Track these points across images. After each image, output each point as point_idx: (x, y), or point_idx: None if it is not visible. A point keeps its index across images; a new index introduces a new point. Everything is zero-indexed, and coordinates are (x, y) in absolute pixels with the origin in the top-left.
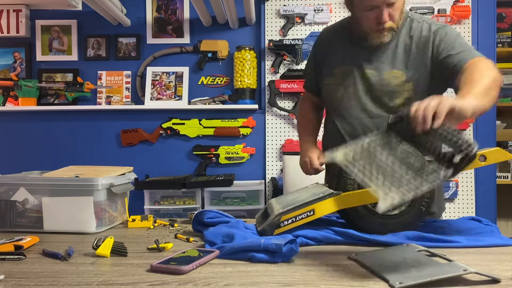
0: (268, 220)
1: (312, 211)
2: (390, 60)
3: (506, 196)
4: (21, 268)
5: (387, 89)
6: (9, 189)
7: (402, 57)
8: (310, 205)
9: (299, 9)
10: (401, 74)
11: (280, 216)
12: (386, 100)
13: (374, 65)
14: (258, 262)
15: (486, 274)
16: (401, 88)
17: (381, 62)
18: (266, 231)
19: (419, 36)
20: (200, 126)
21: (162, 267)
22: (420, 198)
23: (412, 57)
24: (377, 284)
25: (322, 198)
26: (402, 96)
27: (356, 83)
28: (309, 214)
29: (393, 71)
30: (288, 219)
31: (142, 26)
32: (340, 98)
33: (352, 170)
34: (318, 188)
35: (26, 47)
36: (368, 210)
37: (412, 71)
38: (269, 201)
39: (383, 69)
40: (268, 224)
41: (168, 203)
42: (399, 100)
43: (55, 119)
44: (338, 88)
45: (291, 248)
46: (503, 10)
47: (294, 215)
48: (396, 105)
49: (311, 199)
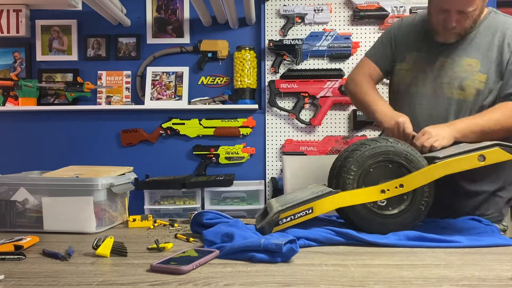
0: (267, 218)
1: (311, 209)
2: (466, 50)
3: None
4: (21, 268)
5: (460, 76)
6: (9, 189)
7: (479, 48)
8: (309, 203)
9: (299, 9)
10: (476, 63)
11: (279, 214)
12: (455, 88)
13: (448, 54)
14: (258, 262)
15: None
16: (474, 76)
17: (455, 52)
18: (264, 228)
19: (503, 35)
20: (200, 126)
21: (162, 267)
22: (419, 197)
23: (490, 52)
24: (377, 284)
25: (321, 196)
26: (472, 86)
27: (426, 70)
28: (308, 212)
29: (467, 59)
30: (286, 217)
31: (142, 26)
32: (408, 83)
33: None
34: (317, 188)
35: (26, 47)
36: (368, 210)
37: (486, 65)
38: (269, 200)
39: (457, 57)
40: (267, 222)
41: (168, 203)
42: (469, 91)
43: (55, 119)
44: (408, 74)
45: (291, 248)
46: (503, 10)
47: (293, 213)
48: (464, 96)
49: (310, 197)
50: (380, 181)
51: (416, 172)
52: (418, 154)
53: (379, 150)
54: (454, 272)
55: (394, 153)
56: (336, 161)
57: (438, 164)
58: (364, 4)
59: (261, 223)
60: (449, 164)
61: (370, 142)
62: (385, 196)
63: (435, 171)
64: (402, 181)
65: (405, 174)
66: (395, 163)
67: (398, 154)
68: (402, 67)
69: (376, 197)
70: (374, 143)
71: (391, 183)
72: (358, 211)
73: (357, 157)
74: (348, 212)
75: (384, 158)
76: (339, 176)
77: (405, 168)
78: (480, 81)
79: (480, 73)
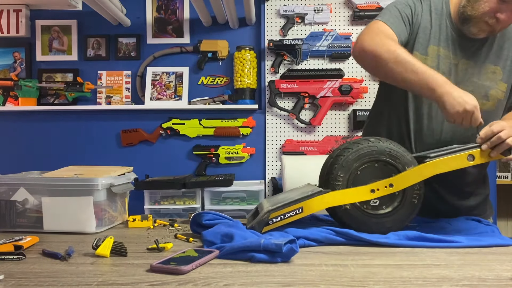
0: (257, 217)
1: (300, 209)
2: (488, 54)
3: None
4: (21, 268)
5: (485, 84)
6: (9, 189)
7: (500, 54)
8: (299, 203)
9: (299, 9)
10: (499, 70)
11: (269, 213)
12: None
13: (471, 56)
14: (258, 262)
15: None
16: (497, 86)
17: (480, 54)
18: (255, 228)
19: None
20: (200, 126)
21: (162, 267)
22: (410, 192)
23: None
24: (377, 284)
25: (311, 196)
26: (496, 96)
27: (451, 72)
28: (298, 212)
29: (491, 65)
30: (277, 217)
31: (142, 26)
32: None
33: None
34: (308, 188)
35: (26, 47)
36: (362, 212)
37: (507, 74)
38: (261, 201)
39: (480, 62)
40: (257, 222)
41: (168, 203)
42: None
43: (55, 119)
44: None
45: (291, 248)
46: None
47: (283, 212)
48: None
49: (299, 197)
50: (369, 181)
51: (405, 172)
52: (402, 149)
53: (362, 151)
54: (454, 272)
55: (378, 152)
56: (323, 169)
57: (428, 164)
58: (364, 4)
59: (251, 222)
60: (438, 163)
61: (352, 145)
62: (375, 196)
63: (425, 170)
64: (391, 181)
65: (393, 171)
66: (380, 162)
67: (382, 153)
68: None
69: (366, 196)
70: (357, 146)
71: (380, 182)
72: (352, 214)
73: (342, 162)
74: (342, 216)
75: (369, 158)
76: (328, 183)
77: (391, 165)
78: (502, 91)
79: (502, 82)
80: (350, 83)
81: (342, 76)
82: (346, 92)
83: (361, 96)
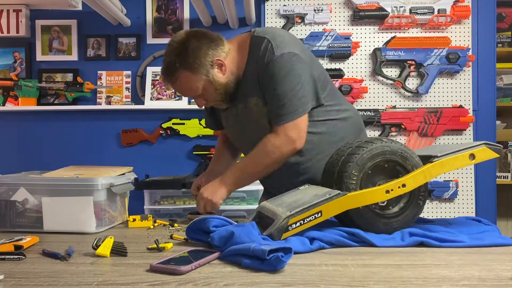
0: (276, 224)
1: (320, 213)
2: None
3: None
4: (21, 268)
5: (253, 118)
6: (9, 189)
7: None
8: (318, 207)
9: (299, 9)
10: (257, 100)
11: (288, 219)
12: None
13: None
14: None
15: None
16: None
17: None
18: (273, 235)
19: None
20: (200, 126)
21: (161, 267)
22: (417, 193)
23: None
24: (377, 284)
25: (329, 199)
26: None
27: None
28: (317, 216)
29: (253, 98)
30: (296, 222)
31: (142, 26)
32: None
33: None
34: (318, 190)
35: (26, 47)
36: (373, 212)
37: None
38: (262, 203)
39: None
40: (276, 228)
41: (168, 203)
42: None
43: (55, 119)
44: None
45: (277, 257)
46: (503, 10)
47: (303, 217)
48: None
49: (318, 200)
50: (378, 181)
51: (416, 172)
52: (411, 150)
53: (376, 151)
54: (454, 272)
55: (391, 152)
56: (330, 166)
57: (436, 163)
58: (364, 4)
59: (268, 229)
60: (444, 163)
61: (366, 144)
62: (390, 196)
63: (433, 170)
64: (404, 181)
65: (400, 172)
66: (391, 162)
67: (394, 153)
68: None
69: (382, 197)
70: (371, 145)
71: (393, 183)
72: (363, 214)
73: (356, 160)
74: (353, 215)
75: (382, 158)
76: (341, 182)
77: (400, 166)
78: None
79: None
80: (350, 83)
81: (342, 76)
82: (346, 92)
83: (361, 96)
